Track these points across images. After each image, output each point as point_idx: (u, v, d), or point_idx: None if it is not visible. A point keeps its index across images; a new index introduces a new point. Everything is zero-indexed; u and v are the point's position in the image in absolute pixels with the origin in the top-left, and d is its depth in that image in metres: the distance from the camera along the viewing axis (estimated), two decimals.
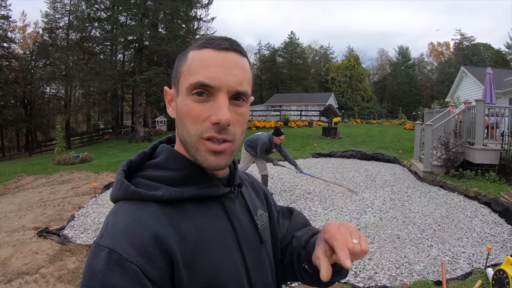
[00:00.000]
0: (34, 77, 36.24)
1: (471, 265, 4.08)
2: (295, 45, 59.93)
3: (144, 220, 0.66)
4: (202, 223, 0.73)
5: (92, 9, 26.05)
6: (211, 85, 0.70)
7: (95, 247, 0.64)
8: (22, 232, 5.47)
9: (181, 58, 0.77)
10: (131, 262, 0.60)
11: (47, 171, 12.24)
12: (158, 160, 0.77)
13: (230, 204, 0.81)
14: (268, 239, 0.91)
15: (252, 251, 0.81)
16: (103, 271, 0.60)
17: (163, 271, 0.63)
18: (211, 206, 0.77)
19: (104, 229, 0.67)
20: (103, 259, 0.61)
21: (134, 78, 23.65)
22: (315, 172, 9.80)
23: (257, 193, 0.99)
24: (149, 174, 0.75)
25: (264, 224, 0.91)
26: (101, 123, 42.69)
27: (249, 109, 0.80)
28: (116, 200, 0.73)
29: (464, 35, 55.10)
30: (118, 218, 0.67)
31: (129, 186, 0.71)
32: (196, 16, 27.86)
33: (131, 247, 0.62)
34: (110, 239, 0.63)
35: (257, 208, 0.91)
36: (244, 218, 0.83)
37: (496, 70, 19.53)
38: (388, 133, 18.87)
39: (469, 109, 8.91)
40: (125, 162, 0.77)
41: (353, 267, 4.06)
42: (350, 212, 6.23)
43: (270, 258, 0.90)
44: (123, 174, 0.74)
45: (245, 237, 0.80)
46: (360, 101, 52.96)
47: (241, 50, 0.76)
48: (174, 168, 0.75)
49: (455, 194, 7.20)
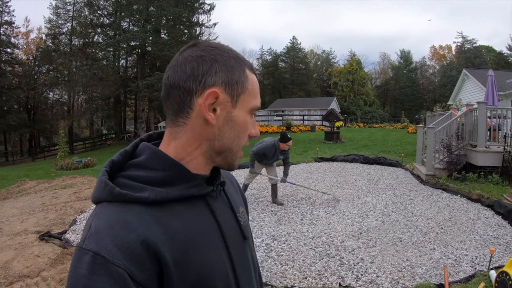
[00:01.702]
0: (37, 83, 36.48)
1: (474, 267, 4.05)
2: (297, 50, 60.12)
3: (130, 222, 0.65)
4: (188, 221, 0.73)
5: (95, 15, 26.30)
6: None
7: (78, 250, 0.63)
8: (24, 236, 5.47)
9: (240, 71, 0.79)
10: (117, 266, 0.60)
11: (50, 176, 12.28)
12: (140, 159, 0.76)
13: (214, 202, 0.81)
14: (250, 236, 0.93)
15: (237, 248, 0.82)
16: (87, 276, 0.59)
17: (151, 273, 0.63)
18: (196, 205, 0.77)
19: (87, 232, 0.66)
20: (86, 263, 0.60)
21: (137, 83, 23.79)
22: (318, 177, 9.79)
23: (236, 190, 1.00)
24: (132, 174, 0.74)
25: (245, 221, 0.91)
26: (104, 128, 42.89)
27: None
28: (99, 201, 0.71)
29: (466, 38, 55.27)
30: (102, 220, 0.66)
31: (113, 188, 0.69)
32: (198, 21, 28.04)
33: (117, 250, 0.61)
34: (94, 242, 0.62)
35: (238, 205, 0.92)
36: (228, 215, 0.84)
37: (498, 72, 19.48)
38: (391, 137, 18.83)
39: (471, 111, 8.88)
40: (107, 162, 0.76)
41: (354, 271, 4.04)
42: (352, 216, 6.21)
43: (254, 256, 0.92)
44: (107, 175, 0.73)
45: (230, 234, 0.81)
46: (362, 105, 52.99)
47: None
48: (158, 168, 0.74)
49: (458, 197, 7.16)
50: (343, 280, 3.83)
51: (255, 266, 0.92)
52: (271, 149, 6.66)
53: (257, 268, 0.96)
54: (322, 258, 4.42)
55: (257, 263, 1.00)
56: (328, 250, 4.67)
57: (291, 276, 3.95)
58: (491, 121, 8.65)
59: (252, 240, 0.96)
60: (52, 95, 40.03)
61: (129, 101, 36.12)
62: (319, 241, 5.01)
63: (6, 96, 32.00)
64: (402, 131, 23.05)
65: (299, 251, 4.67)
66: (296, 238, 5.14)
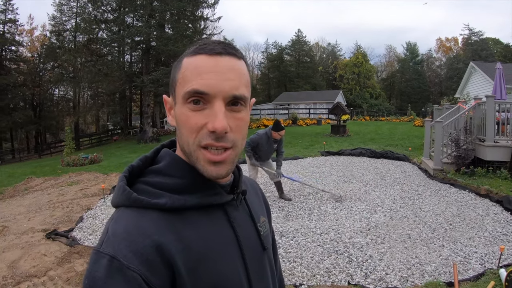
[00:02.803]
0: (43, 80, 36.62)
1: (483, 265, 3.99)
2: (302, 43, 59.82)
3: (146, 228, 0.65)
4: (204, 231, 0.72)
5: (99, 11, 26.22)
6: (206, 92, 0.69)
7: (95, 254, 0.63)
8: (30, 234, 5.49)
9: (176, 66, 0.76)
10: (132, 271, 0.60)
11: (56, 173, 12.34)
12: (160, 166, 0.76)
13: (233, 211, 0.80)
14: (270, 247, 0.91)
15: (255, 259, 0.81)
16: (104, 279, 0.59)
17: (164, 280, 0.63)
18: (214, 214, 0.76)
19: (104, 235, 0.66)
20: (104, 266, 0.60)
21: (142, 78, 23.77)
22: (325, 172, 9.73)
23: (259, 199, 0.99)
24: (152, 180, 0.74)
25: (266, 231, 0.90)
26: (110, 124, 43.06)
27: (249, 113, 0.79)
28: (117, 206, 0.72)
29: (472, 30, 54.54)
30: (119, 225, 0.67)
31: (131, 193, 0.70)
32: (202, 15, 27.85)
33: (132, 255, 0.61)
34: (111, 247, 0.63)
35: (259, 215, 0.90)
36: (247, 225, 0.83)
37: (506, 65, 19.25)
38: (397, 130, 18.71)
39: (479, 105, 8.78)
40: (126, 167, 0.76)
41: (363, 268, 4.00)
42: (360, 211, 6.16)
43: (272, 266, 0.90)
44: (125, 181, 0.73)
45: (248, 244, 0.79)
46: (368, 98, 52.77)
47: (236, 52, 0.74)
48: (177, 175, 0.74)
49: (466, 192, 7.08)
50: (351, 278, 3.79)
51: (274, 277, 0.90)
52: (264, 138, 6.44)
53: (278, 278, 0.94)
54: (331, 255, 4.39)
55: (280, 273, 1.02)
56: (336, 247, 4.63)
57: (299, 274, 3.92)
58: (499, 115, 8.53)
59: (271, 251, 0.93)
60: (57, 91, 40.14)
61: (134, 97, 36.13)
62: (327, 237, 4.97)
63: (11, 94, 32.13)
64: (409, 124, 22.90)
65: (307, 248, 4.63)
66: (304, 234, 5.11)
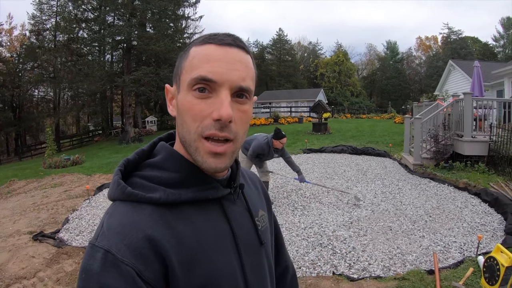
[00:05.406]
0: (22, 80, 35.69)
1: (462, 254, 4.18)
2: (283, 42, 59.85)
3: (139, 222, 0.65)
4: (199, 225, 0.72)
5: (79, 10, 25.88)
6: (213, 79, 0.68)
7: (90, 247, 0.64)
8: (17, 237, 5.45)
9: (182, 55, 0.75)
10: (126, 264, 0.61)
11: (38, 175, 12.15)
12: (156, 159, 0.76)
13: (230, 205, 0.79)
14: (268, 241, 0.89)
15: (251, 254, 0.79)
16: (99, 272, 0.60)
17: (157, 273, 0.63)
18: (210, 208, 0.75)
19: (99, 229, 0.67)
20: (99, 260, 0.61)
21: (123, 78, 23.55)
22: (307, 169, 9.88)
23: (259, 192, 0.97)
24: (147, 174, 0.74)
25: (265, 225, 0.88)
26: (91, 124, 42.28)
27: (252, 108, 0.77)
28: (113, 200, 0.72)
29: (452, 29, 55.46)
30: (113, 219, 0.67)
31: (125, 187, 0.70)
32: (184, 15, 27.83)
33: (126, 249, 0.62)
34: (106, 240, 0.63)
35: (258, 208, 0.89)
36: (244, 219, 0.81)
37: (484, 63, 19.75)
38: (378, 128, 18.99)
39: (457, 102, 9.03)
40: (122, 161, 0.76)
41: (347, 259, 4.14)
42: (342, 206, 6.32)
43: (270, 261, 0.88)
44: (120, 175, 0.73)
45: (244, 239, 0.78)
46: (349, 96, 53.13)
47: (245, 46, 0.74)
48: (173, 169, 0.74)
49: (445, 186, 7.32)
50: (336, 269, 3.93)
51: (271, 271, 0.88)
52: (265, 148, 6.09)
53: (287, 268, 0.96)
54: (315, 248, 4.52)
55: (289, 262, 1.01)
56: (320, 240, 4.77)
57: None
58: (477, 111, 8.81)
59: (270, 245, 0.91)
60: (37, 92, 39.14)
61: (115, 97, 35.68)
62: (311, 231, 5.10)
63: None
64: (389, 122, 23.26)
65: (292, 241, 4.75)
66: (289, 229, 5.23)
